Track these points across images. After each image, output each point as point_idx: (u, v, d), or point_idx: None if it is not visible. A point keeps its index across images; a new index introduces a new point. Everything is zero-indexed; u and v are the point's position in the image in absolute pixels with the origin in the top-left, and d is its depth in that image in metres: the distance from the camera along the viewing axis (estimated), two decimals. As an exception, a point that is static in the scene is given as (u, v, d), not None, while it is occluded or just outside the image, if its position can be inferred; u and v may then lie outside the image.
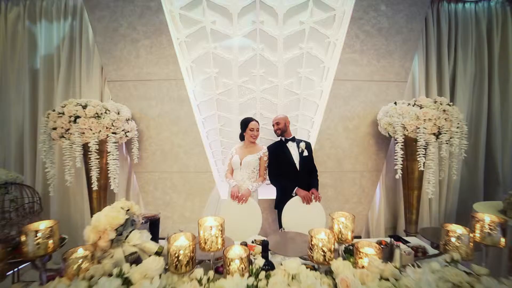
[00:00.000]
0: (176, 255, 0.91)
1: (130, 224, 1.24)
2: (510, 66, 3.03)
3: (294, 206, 2.24)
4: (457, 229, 1.06)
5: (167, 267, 1.04)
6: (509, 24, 3.04)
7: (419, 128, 2.25)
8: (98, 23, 2.84)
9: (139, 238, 1.22)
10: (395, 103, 2.60)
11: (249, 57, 2.97)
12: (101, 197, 2.58)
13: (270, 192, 2.80)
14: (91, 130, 2.28)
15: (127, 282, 0.86)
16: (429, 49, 3.08)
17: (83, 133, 2.26)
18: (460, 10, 3.11)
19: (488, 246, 1.07)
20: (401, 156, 2.40)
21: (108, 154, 2.41)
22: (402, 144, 2.39)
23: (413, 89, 3.14)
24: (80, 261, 0.96)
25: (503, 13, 3.06)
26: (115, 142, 2.43)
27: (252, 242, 1.64)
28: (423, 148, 2.27)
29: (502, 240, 1.05)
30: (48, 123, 2.25)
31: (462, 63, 3.08)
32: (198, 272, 0.90)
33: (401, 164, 2.41)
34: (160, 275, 0.89)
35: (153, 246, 1.22)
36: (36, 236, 0.96)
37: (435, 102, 2.32)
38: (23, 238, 0.96)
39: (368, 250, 1.00)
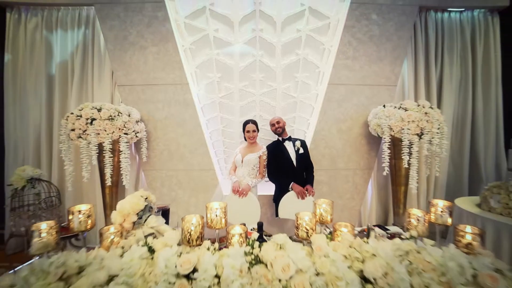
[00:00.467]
0: (189, 231, 1.16)
1: (148, 210, 1.50)
2: (492, 72, 3.26)
3: (290, 200, 2.50)
4: (417, 213, 1.30)
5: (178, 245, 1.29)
6: (490, 32, 3.28)
7: (403, 129, 2.49)
8: (109, 31, 3.11)
9: (156, 221, 1.47)
10: (384, 106, 2.84)
11: (249, 63, 3.22)
12: (113, 192, 2.84)
13: (269, 188, 3.04)
14: (105, 131, 2.53)
15: (151, 250, 1.10)
16: (418, 55, 3.31)
17: (98, 133, 2.51)
18: (446, 19, 3.35)
19: (440, 225, 1.32)
20: (388, 154, 2.66)
21: (120, 153, 2.67)
22: (389, 143, 2.64)
23: (403, 93, 3.37)
24: (112, 236, 1.21)
25: (485, 22, 3.30)
26: (126, 142, 2.70)
27: (251, 230, 1.89)
28: (408, 147, 2.52)
29: (449, 220, 1.29)
30: (67, 125, 2.51)
31: (448, 68, 3.32)
32: (206, 243, 1.15)
33: (388, 162, 2.66)
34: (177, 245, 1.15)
35: (167, 228, 1.46)
36: (80, 215, 1.22)
37: (419, 105, 2.56)
38: (70, 216, 1.22)
39: (344, 229, 1.25)
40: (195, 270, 0.97)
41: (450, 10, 3.33)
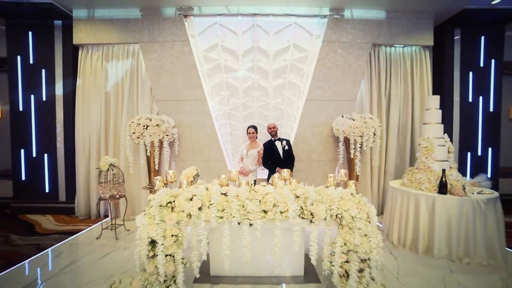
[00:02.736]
0: (222, 180, 2.66)
1: (197, 175, 3.01)
2: (425, 90, 4.77)
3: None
4: (331, 174, 2.79)
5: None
6: (424, 62, 4.80)
7: (350, 132, 4.00)
8: (149, 62, 4.63)
9: (201, 181, 2.98)
10: (342, 116, 4.34)
11: (250, 85, 4.75)
12: (156, 175, 4.36)
13: (265, 174, 4.51)
14: (154, 133, 4.05)
15: (206, 188, 2.60)
16: (372, 78, 4.80)
17: (150, 135, 4.03)
18: (392, 52, 4.86)
19: (341, 181, 2.82)
20: (343, 150, 4.17)
21: (163, 148, 4.19)
22: (344, 142, 4.15)
23: (362, 106, 4.86)
24: (185, 184, 2.72)
25: (420, 55, 4.83)
26: (167, 141, 4.21)
27: (250, 192, 3.40)
28: (353, 145, 4.03)
29: (345, 178, 2.80)
30: (130, 129, 4.03)
31: (395, 88, 4.82)
32: (231, 185, 2.65)
33: (343, 155, 4.18)
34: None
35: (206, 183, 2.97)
36: (171, 174, 2.74)
37: (361, 117, 4.07)
38: (167, 174, 2.73)
39: (293, 182, 2.75)
40: (226, 193, 2.48)
41: (396, 46, 4.85)
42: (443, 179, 3.25)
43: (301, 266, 2.78)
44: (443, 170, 3.27)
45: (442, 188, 3.24)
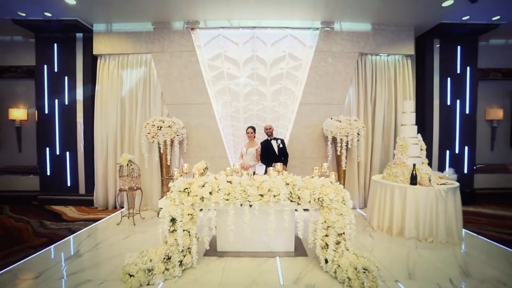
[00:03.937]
0: (227, 171, 3.35)
1: (206, 168, 3.71)
2: (407, 94, 5.46)
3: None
4: (316, 167, 3.48)
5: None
6: (406, 69, 5.49)
7: (337, 133, 4.69)
8: (160, 70, 5.33)
9: (209, 173, 3.68)
10: (331, 118, 5.03)
11: (249, 90, 5.44)
12: (167, 169, 5.06)
13: (262, 169, 5.22)
14: (167, 134, 4.75)
15: (215, 177, 3.29)
16: (359, 84, 5.49)
17: (163, 135, 4.73)
18: (378, 60, 5.55)
19: (324, 172, 3.51)
20: (331, 148, 4.86)
21: (173, 146, 4.90)
22: (332, 141, 4.85)
23: (350, 109, 5.54)
24: (197, 175, 3.41)
25: (402, 63, 5.52)
26: (177, 140, 4.92)
27: (250, 184, 4.09)
28: (340, 143, 4.72)
29: (328, 171, 3.49)
30: (146, 130, 4.73)
31: (380, 93, 5.51)
32: (235, 175, 3.34)
33: (331, 152, 4.87)
34: (223, 177, 3.35)
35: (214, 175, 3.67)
36: (186, 167, 3.44)
37: (347, 119, 4.76)
38: (183, 167, 3.42)
39: (285, 173, 3.44)
40: (231, 181, 3.18)
41: (380, 55, 5.54)
42: (414, 172, 3.93)
43: (291, 243, 3.47)
44: (414, 165, 3.96)
45: (413, 180, 3.92)
